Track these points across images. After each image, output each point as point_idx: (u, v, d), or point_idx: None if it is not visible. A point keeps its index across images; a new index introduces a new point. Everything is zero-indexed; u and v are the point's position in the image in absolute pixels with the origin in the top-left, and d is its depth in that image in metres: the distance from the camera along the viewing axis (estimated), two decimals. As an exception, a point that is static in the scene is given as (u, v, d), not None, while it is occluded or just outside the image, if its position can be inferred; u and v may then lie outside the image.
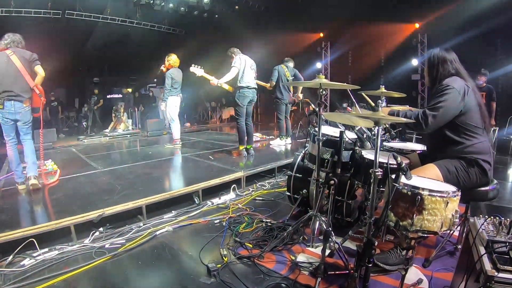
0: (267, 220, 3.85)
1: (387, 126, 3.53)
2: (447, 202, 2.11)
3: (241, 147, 6.56)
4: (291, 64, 7.94)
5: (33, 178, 4.49)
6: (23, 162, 4.63)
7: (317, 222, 3.11)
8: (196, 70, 6.51)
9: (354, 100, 4.66)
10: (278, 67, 7.73)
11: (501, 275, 1.61)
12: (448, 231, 2.26)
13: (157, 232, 3.61)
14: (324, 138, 3.36)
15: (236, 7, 13.94)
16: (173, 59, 7.85)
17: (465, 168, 2.67)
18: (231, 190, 4.91)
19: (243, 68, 6.14)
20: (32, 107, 4.52)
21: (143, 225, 3.82)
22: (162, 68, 7.92)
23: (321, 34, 13.72)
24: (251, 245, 3.24)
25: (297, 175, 4.00)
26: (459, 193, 2.18)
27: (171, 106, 7.85)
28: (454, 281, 2.31)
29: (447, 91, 2.61)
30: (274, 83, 7.70)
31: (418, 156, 3.16)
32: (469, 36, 8.66)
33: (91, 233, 3.52)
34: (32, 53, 4.45)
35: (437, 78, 2.83)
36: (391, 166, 2.17)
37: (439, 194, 2.12)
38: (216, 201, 4.60)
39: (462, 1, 8.79)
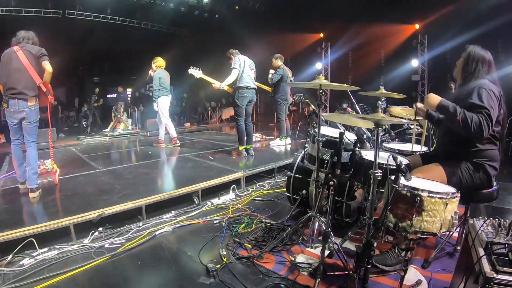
0: (266, 221, 3.85)
1: (387, 127, 3.53)
2: (446, 204, 2.12)
3: (240, 147, 6.56)
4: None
5: (33, 190, 4.23)
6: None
7: (317, 223, 3.11)
8: (195, 72, 6.51)
9: (354, 100, 4.67)
10: (282, 70, 7.71)
11: (500, 276, 1.61)
12: (448, 232, 2.26)
13: (157, 232, 3.61)
14: (324, 138, 3.37)
15: (237, 7, 13.96)
16: (159, 61, 8.00)
17: (470, 172, 2.67)
18: (231, 191, 4.91)
19: (242, 69, 6.15)
20: (39, 106, 4.29)
21: (143, 225, 3.82)
22: (150, 72, 8.07)
23: (321, 35, 13.72)
24: (250, 246, 3.23)
25: (297, 175, 4.00)
26: (458, 195, 2.18)
27: (162, 106, 7.95)
28: (453, 282, 2.31)
29: (492, 94, 2.55)
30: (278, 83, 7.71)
31: (420, 156, 3.16)
32: (469, 37, 8.66)
33: (91, 233, 3.52)
34: (40, 48, 4.21)
35: (473, 76, 2.75)
36: (391, 167, 2.17)
37: (438, 196, 2.12)
38: (215, 201, 4.60)
39: (462, 2, 8.79)
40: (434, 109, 2.71)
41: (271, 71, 7.82)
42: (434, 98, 2.69)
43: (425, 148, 3.54)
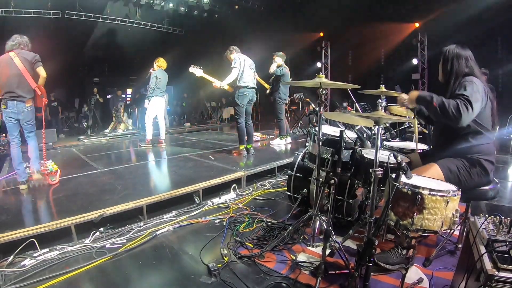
0: (267, 220, 3.84)
1: (387, 125, 3.53)
2: (448, 201, 2.11)
3: (241, 147, 6.55)
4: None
5: (37, 172, 4.70)
6: (26, 162, 4.77)
7: (318, 222, 3.11)
8: (196, 70, 6.50)
9: (354, 99, 4.66)
10: (283, 69, 7.68)
11: (501, 274, 1.61)
12: (449, 230, 2.26)
13: (158, 232, 3.61)
14: (324, 137, 3.37)
15: (236, 7, 13.95)
16: (160, 62, 8.19)
17: (467, 168, 2.67)
18: (232, 190, 4.91)
19: (242, 68, 6.14)
20: (34, 106, 4.64)
21: (144, 225, 3.82)
22: (151, 71, 8.17)
23: (321, 34, 13.71)
24: (251, 245, 3.23)
25: (298, 174, 4.00)
26: (459, 192, 2.18)
27: (151, 106, 8.10)
28: (455, 280, 2.31)
29: (474, 85, 2.59)
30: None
31: (419, 155, 3.16)
32: (469, 35, 8.67)
33: (92, 233, 3.52)
34: (35, 54, 4.55)
35: (452, 73, 2.78)
36: (391, 165, 2.17)
37: (439, 193, 2.12)
38: (216, 200, 4.59)
39: (462, 0, 8.78)
40: (415, 103, 2.75)
41: (274, 66, 7.72)
42: (414, 92, 2.76)
43: (424, 147, 3.53)
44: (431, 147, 3.20)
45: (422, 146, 3.58)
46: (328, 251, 2.72)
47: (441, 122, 2.73)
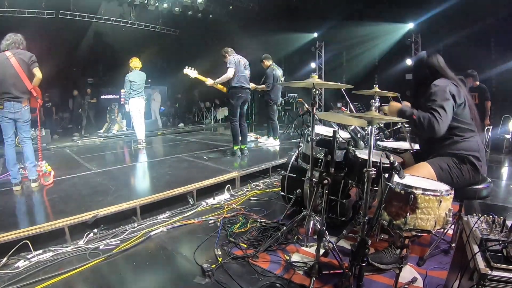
0: (261, 220, 3.85)
1: (381, 125, 3.53)
2: (440, 201, 2.12)
3: (235, 147, 6.55)
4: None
5: (34, 181, 4.68)
6: (20, 163, 4.74)
7: (311, 222, 3.11)
8: (190, 72, 6.48)
9: (348, 99, 4.67)
10: (272, 70, 7.71)
11: (494, 273, 1.62)
12: (442, 230, 2.27)
13: (152, 233, 3.60)
14: (318, 137, 3.37)
15: (230, 7, 13.93)
16: (133, 62, 8.15)
17: (457, 165, 2.68)
18: (226, 190, 4.90)
19: (237, 68, 6.13)
20: (30, 107, 4.64)
21: (138, 226, 3.81)
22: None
23: (315, 34, 13.72)
24: (245, 245, 3.23)
25: (291, 175, 4.00)
26: (452, 192, 2.19)
27: (132, 108, 8.08)
28: (448, 280, 2.32)
29: (434, 89, 2.67)
30: (270, 87, 7.71)
31: (411, 155, 3.17)
32: (463, 36, 8.72)
33: (86, 234, 3.51)
34: (31, 54, 4.53)
35: (424, 81, 2.87)
36: (384, 165, 2.18)
37: (432, 193, 2.13)
38: (210, 201, 4.59)
39: (456, 1, 8.82)
40: (396, 115, 2.81)
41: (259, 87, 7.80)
42: (395, 105, 2.87)
43: (417, 146, 3.55)
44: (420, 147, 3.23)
45: (416, 146, 3.59)
46: (322, 251, 2.73)
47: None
